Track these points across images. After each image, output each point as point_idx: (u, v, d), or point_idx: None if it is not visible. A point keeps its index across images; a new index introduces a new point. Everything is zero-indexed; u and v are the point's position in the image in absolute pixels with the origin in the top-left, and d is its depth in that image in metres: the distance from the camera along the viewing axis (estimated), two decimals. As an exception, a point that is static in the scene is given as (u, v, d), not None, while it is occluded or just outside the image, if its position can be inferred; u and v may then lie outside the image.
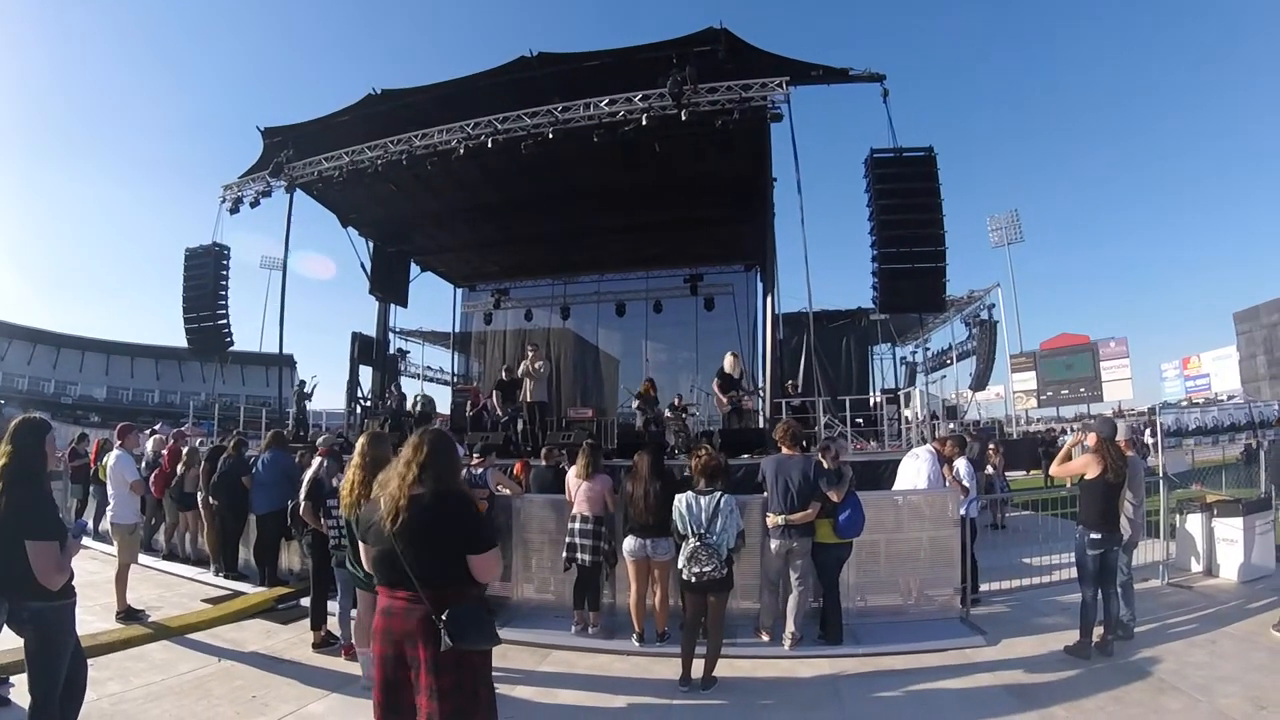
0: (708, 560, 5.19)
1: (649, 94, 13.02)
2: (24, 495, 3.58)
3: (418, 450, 3.07)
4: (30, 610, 3.54)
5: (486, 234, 19.48)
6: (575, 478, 6.80)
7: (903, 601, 7.17)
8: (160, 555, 10.37)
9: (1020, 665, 5.68)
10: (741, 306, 20.63)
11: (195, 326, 17.88)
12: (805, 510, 6.11)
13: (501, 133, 13.89)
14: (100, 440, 12.31)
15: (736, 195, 15.50)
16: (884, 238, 12.64)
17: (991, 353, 28.25)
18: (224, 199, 17.53)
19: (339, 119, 15.54)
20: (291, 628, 7.10)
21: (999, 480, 13.41)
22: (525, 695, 5.31)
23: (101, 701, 4.88)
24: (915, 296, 13.28)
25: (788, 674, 5.75)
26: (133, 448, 8.31)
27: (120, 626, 6.86)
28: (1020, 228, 48.37)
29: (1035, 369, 47.14)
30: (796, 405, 13.15)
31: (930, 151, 12.81)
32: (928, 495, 7.31)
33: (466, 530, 3.02)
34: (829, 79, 13.64)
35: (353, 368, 19.63)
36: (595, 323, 22.89)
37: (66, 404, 53.76)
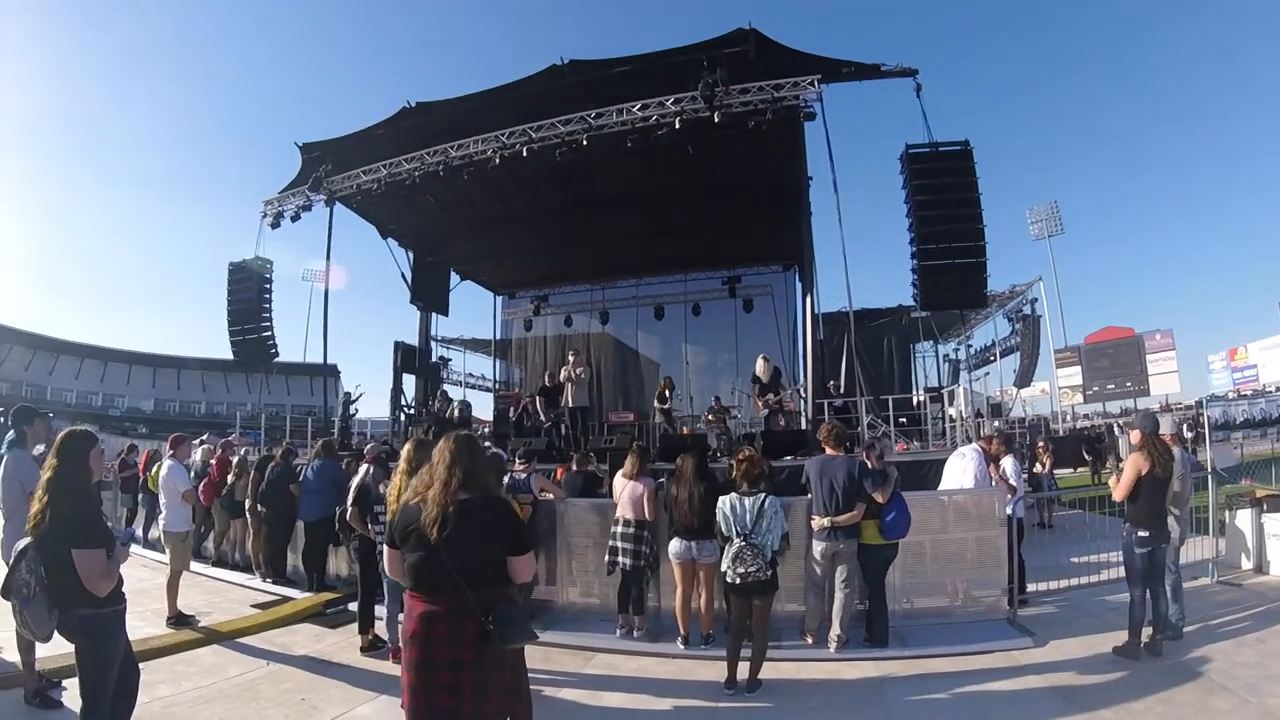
0: (752, 561, 5.17)
1: (681, 97, 13.06)
2: (70, 507, 3.66)
3: (456, 455, 3.12)
4: (79, 617, 3.61)
5: (524, 242, 19.65)
6: (621, 480, 6.83)
7: (949, 603, 7.07)
8: (209, 562, 10.59)
9: (1068, 667, 5.57)
10: (780, 307, 20.49)
11: (240, 339, 18.35)
12: (850, 511, 6.06)
13: (536, 141, 14.00)
14: (150, 450, 12.57)
15: (772, 195, 15.45)
16: (923, 234, 12.55)
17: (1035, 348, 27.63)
18: (265, 214, 17.91)
19: (375, 132, 15.80)
20: (339, 631, 7.19)
21: (1047, 478, 13.21)
22: (571, 697, 5.33)
23: (153, 704, 4.96)
24: (956, 293, 13.18)
25: (833, 676, 5.71)
26: (184, 458, 8.49)
27: (171, 631, 7.00)
28: (1060, 219, 47.05)
29: (1080, 364, 46.27)
30: (839, 406, 13.06)
31: (966, 145, 12.72)
32: (974, 495, 7.20)
33: (509, 532, 3.09)
34: (860, 75, 13.59)
35: (396, 376, 19.85)
36: (634, 327, 22.95)
37: (114, 416, 55.03)
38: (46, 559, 3.59)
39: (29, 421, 5.82)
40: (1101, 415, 42.58)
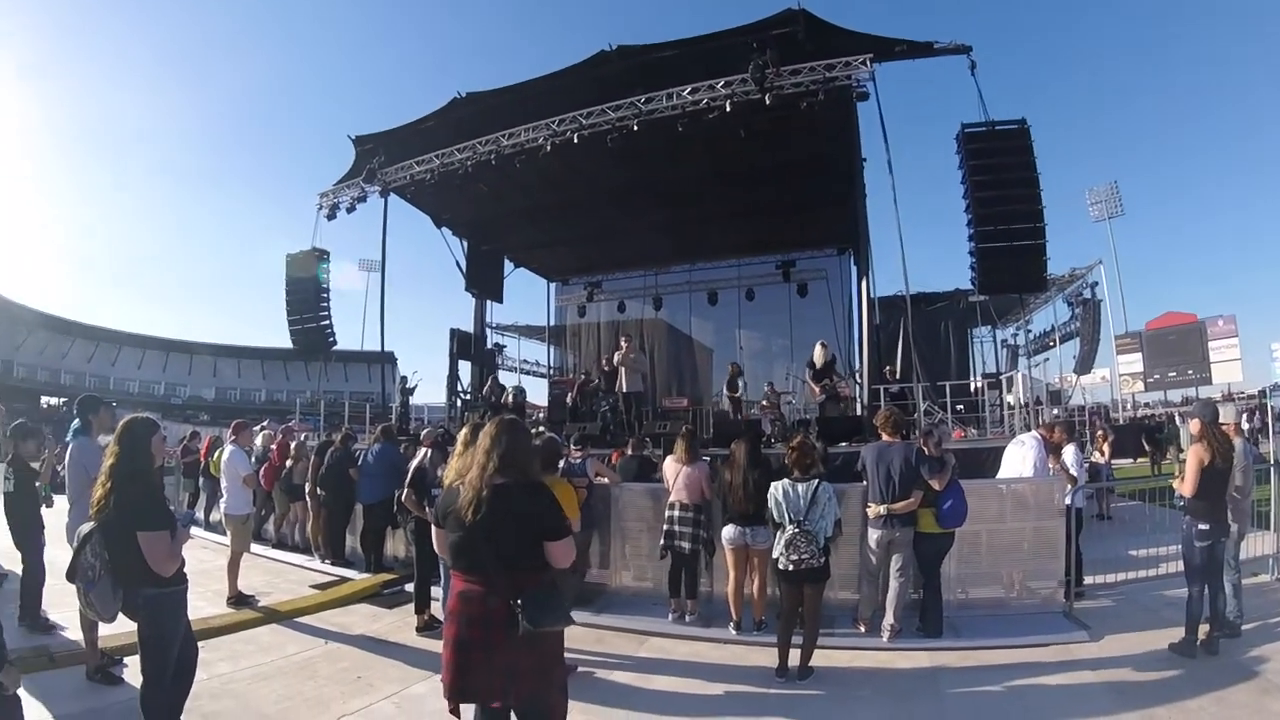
0: (805, 547, 5.15)
1: (731, 80, 12.92)
2: (133, 491, 3.74)
3: (495, 439, 3.15)
4: (144, 597, 3.71)
5: (577, 228, 19.66)
6: (673, 465, 6.84)
7: (1004, 594, 6.95)
8: (270, 544, 10.89)
9: (1123, 663, 5.46)
10: (835, 291, 20.18)
11: (299, 328, 18.76)
12: (907, 499, 5.98)
13: (586, 128, 14.00)
14: (211, 437, 12.90)
15: (825, 178, 15.27)
16: (980, 215, 12.29)
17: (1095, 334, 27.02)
18: (321, 206, 18.28)
19: (426, 123, 16.00)
20: (396, 612, 7.36)
21: (1105, 468, 12.89)
22: (624, 680, 5.38)
23: (211, 681, 5.11)
24: (1015, 276, 12.86)
25: (885, 666, 5.68)
26: (245, 444, 8.71)
27: (231, 611, 7.22)
28: (1121, 201, 45.90)
29: (1141, 350, 44.91)
30: (894, 392, 12.89)
31: (1023, 124, 12.43)
32: (1033, 484, 7.07)
33: (544, 517, 3.09)
34: (913, 54, 13.31)
35: (452, 363, 20.14)
36: (688, 312, 22.84)
37: (176, 405, 56.58)
38: (111, 542, 3.69)
39: (94, 410, 5.99)
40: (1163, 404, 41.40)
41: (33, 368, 53.74)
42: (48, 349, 54.97)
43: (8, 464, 6.60)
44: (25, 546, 6.40)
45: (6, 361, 50.16)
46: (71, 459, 5.71)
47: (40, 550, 6.44)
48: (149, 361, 61.13)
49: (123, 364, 59.59)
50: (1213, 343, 42.01)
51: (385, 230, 18.30)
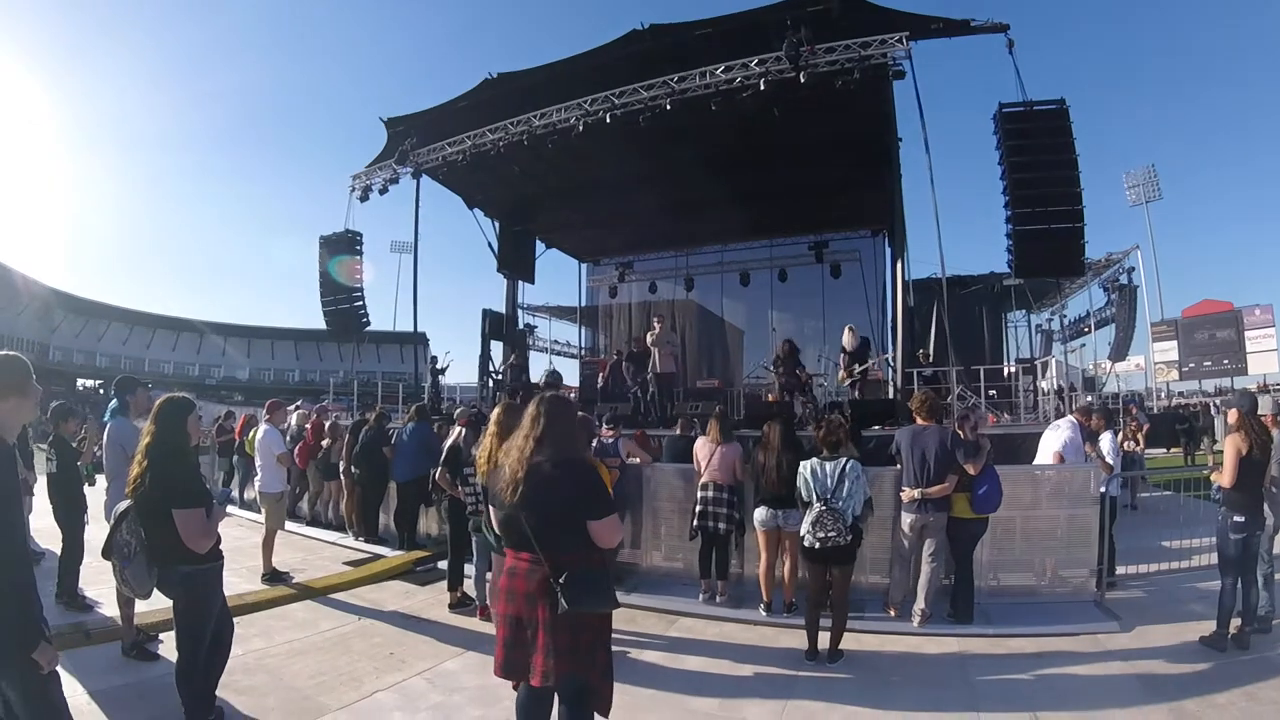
0: (832, 525, 5.12)
1: (765, 58, 12.77)
2: (169, 469, 3.80)
3: (536, 420, 3.15)
4: (179, 574, 3.78)
5: (609, 209, 19.60)
6: (705, 446, 6.82)
7: (1036, 582, 6.89)
8: (304, 521, 11.02)
9: (1153, 654, 5.41)
10: (869, 273, 19.99)
11: (333, 309, 18.96)
12: (942, 484, 5.92)
13: (619, 107, 13.93)
14: (246, 416, 13.05)
15: (860, 158, 15.03)
16: (1017, 197, 12.11)
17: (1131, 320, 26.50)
18: (353, 188, 18.41)
19: (458, 105, 15.99)
20: (429, 589, 7.44)
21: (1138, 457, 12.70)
22: (654, 660, 5.42)
23: (246, 657, 5.19)
24: (1052, 260, 12.71)
25: (915, 651, 5.66)
26: (279, 423, 8.79)
27: (266, 587, 7.32)
28: (1159, 184, 44.36)
29: (1177, 338, 43.93)
30: (928, 375, 12.75)
31: (1062, 104, 12.20)
32: (1068, 471, 6.99)
33: (585, 497, 3.07)
34: (949, 32, 13.09)
35: (484, 343, 20.25)
36: (720, 293, 22.75)
37: (211, 385, 57.47)
38: (147, 519, 3.76)
39: (131, 391, 6.08)
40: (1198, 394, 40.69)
41: (69, 351, 54.83)
42: (83, 332, 56.05)
43: (50, 444, 6.72)
44: (66, 525, 6.50)
45: (43, 345, 51.03)
46: (109, 438, 5.79)
47: (81, 529, 6.54)
48: (183, 343, 62.18)
49: (157, 346, 60.64)
50: (1249, 332, 41.19)
51: (417, 211, 18.42)
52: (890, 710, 4.53)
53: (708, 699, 4.70)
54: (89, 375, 55.01)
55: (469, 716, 4.43)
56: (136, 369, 53.80)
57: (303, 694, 4.73)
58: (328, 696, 4.68)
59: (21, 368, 2.76)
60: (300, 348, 65.19)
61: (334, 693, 4.75)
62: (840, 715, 4.48)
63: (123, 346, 58.82)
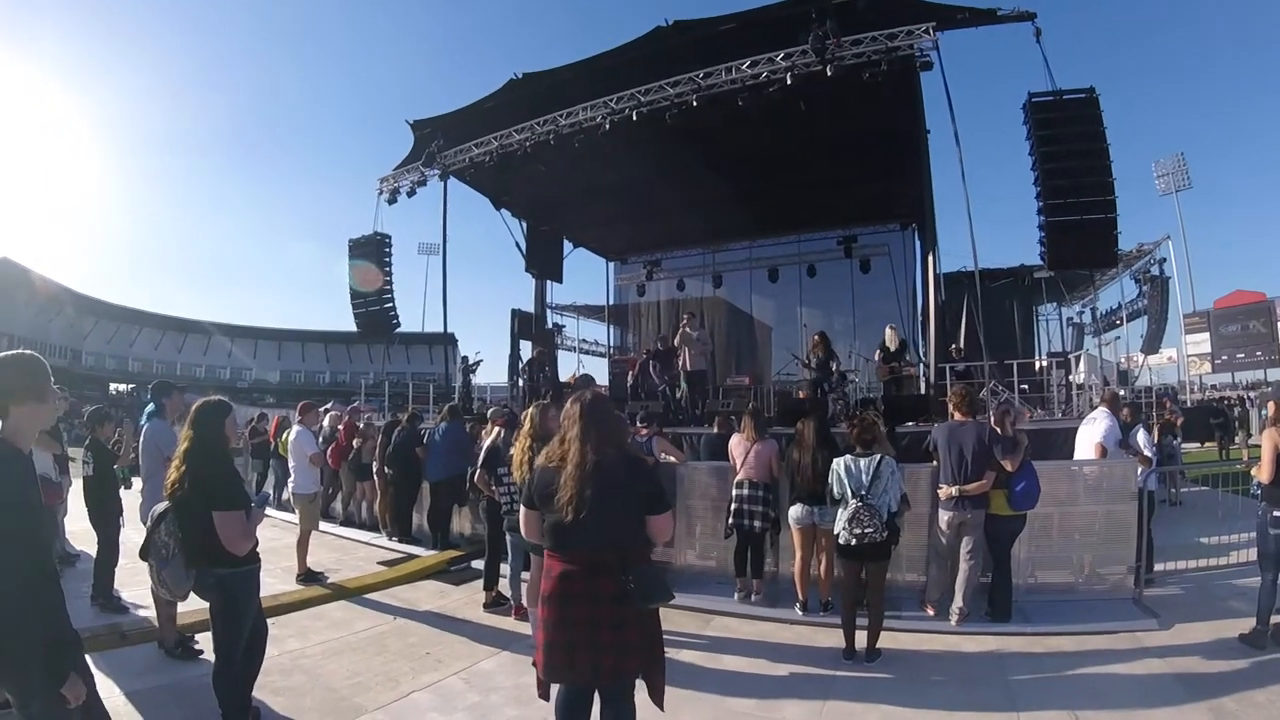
0: (868, 521, 5.10)
1: (791, 52, 12.65)
2: (208, 472, 3.80)
3: (583, 419, 3.11)
4: (216, 576, 3.79)
5: (636, 207, 19.52)
6: (740, 444, 6.80)
7: (1073, 579, 6.82)
8: (337, 522, 11.14)
9: (1192, 652, 5.35)
10: (899, 267, 19.64)
11: (363, 311, 19.13)
12: (979, 480, 5.87)
13: (645, 105, 13.89)
14: (279, 418, 13.16)
15: (888, 151, 14.80)
16: (1049, 188, 11.93)
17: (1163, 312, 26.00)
18: (381, 190, 18.54)
19: (484, 106, 16.03)
20: (463, 588, 7.48)
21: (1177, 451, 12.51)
22: (691, 659, 5.40)
23: (282, 657, 5.22)
24: (1085, 251, 12.53)
25: (953, 650, 5.63)
26: (312, 424, 8.86)
27: (300, 588, 7.38)
28: (1188, 173, 43.73)
29: (1209, 329, 43.07)
30: (960, 370, 12.61)
31: (1092, 92, 11.99)
32: (1106, 466, 6.93)
33: (649, 492, 3.09)
34: (976, 21, 12.85)
35: (513, 343, 20.34)
36: (748, 290, 22.53)
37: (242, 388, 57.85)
38: (185, 521, 3.80)
39: (167, 394, 6.18)
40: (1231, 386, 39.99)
41: (100, 356, 55.61)
42: (115, 338, 56.79)
43: (86, 448, 6.78)
44: (102, 527, 6.55)
45: (75, 351, 51.74)
46: (146, 441, 5.87)
47: (116, 531, 6.60)
48: (214, 348, 62.73)
49: (188, 350, 61.31)
50: (1283, 323, 40.38)
51: (445, 213, 18.35)
52: (929, 710, 4.52)
53: (746, 699, 4.70)
54: (121, 380, 55.79)
55: (506, 716, 4.45)
56: (168, 373, 54.29)
57: (339, 694, 4.77)
58: (364, 697, 4.72)
59: (39, 370, 2.60)
60: (330, 350, 65.67)
61: (370, 693, 4.78)
62: (879, 715, 4.46)
63: (154, 351, 59.61)
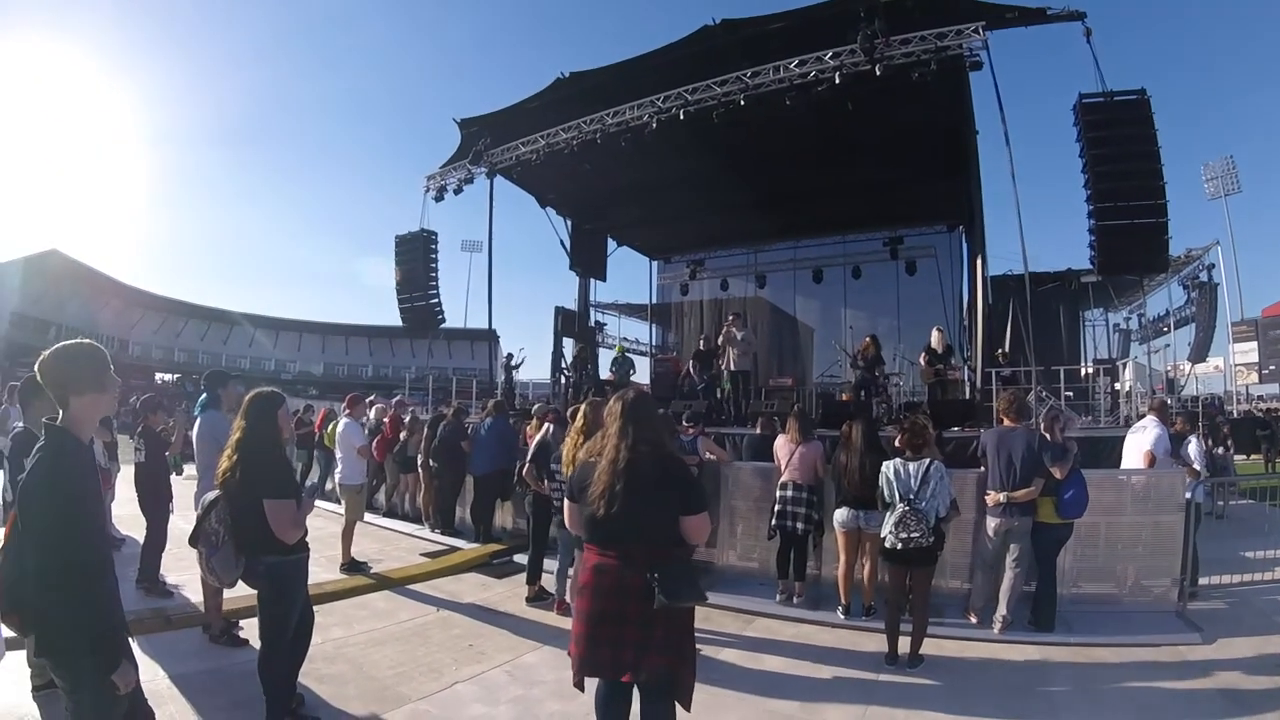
0: (916, 526, 5.09)
1: (839, 51, 12.59)
2: (259, 461, 3.87)
3: (624, 417, 3.16)
4: (266, 564, 3.84)
5: (681, 206, 19.49)
6: (785, 445, 6.80)
7: (1117, 590, 6.73)
8: (380, 513, 11.31)
9: (1236, 667, 5.26)
10: (945, 270, 19.39)
11: (409, 306, 19.51)
12: (1028, 487, 5.83)
13: (692, 104, 13.88)
14: (326, 409, 13.37)
15: (936, 151, 14.74)
16: (1099, 191, 11.71)
17: (1212, 320, 25.41)
18: (428, 188, 18.74)
19: (531, 105, 16.14)
20: (505, 582, 7.56)
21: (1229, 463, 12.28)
22: (732, 659, 5.42)
23: (326, 645, 5.29)
24: (1136, 256, 12.28)
25: (996, 658, 5.59)
26: (359, 416, 9.00)
27: (344, 577, 7.51)
28: (1238, 177, 42.40)
29: (1257, 338, 41.65)
30: (1006, 375, 12.41)
31: (1143, 94, 11.72)
32: (1155, 476, 6.82)
33: (681, 491, 3.10)
34: (1025, 20, 12.61)
35: (556, 340, 20.47)
36: (792, 290, 22.44)
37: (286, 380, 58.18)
38: (236, 509, 3.85)
39: (223, 385, 6.24)
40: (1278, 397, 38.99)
41: (147, 346, 56.41)
42: (161, 328, 57.64)
43: (138, 435, 6.95)
44: (152, 513, 6.69)
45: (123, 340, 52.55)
46: (202, 432, 5.90)
47: (166, 517, 6.74)
48: (260, 339, 63.47)
49: (235, 342, 61.96)
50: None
51: (491, 210, 18.44)
52: (971, 718, 4.50)
53: (788, 701, 4.70)
54: (167, 370, 56.65)
55: (549, 710, 4.50)
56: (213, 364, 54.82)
57: (383, 683, 4.83)
58: (407, 686, 4.78)
59: (99, 359, 2.63)
60: (373, 344, 66.28)
61: (414, 683, 4.84)
62: (920, 722, 4.44)
63: (200, 342, 60.37)
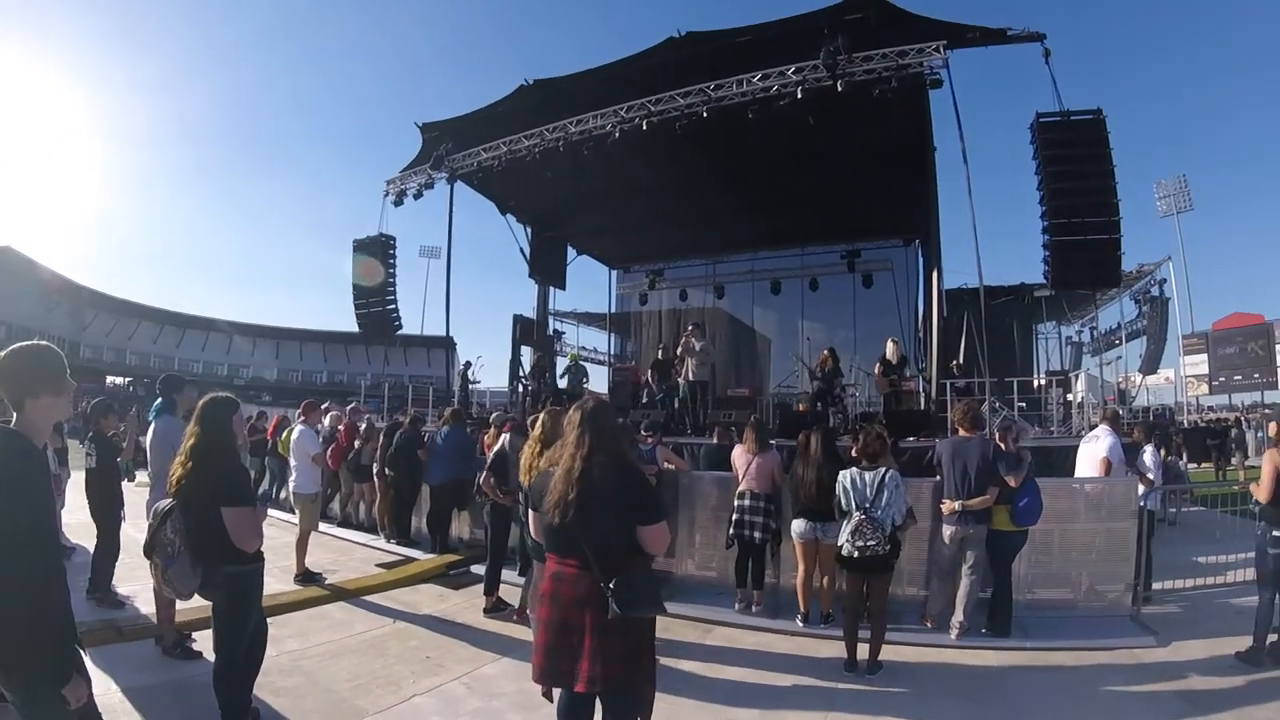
0: (871, 534, 5.13)
1: (802, 66, 12.67)
2: (215, 468, 3.80)
3: (585, 424, 3.15)
4: (224, 574, 3.75)
5: (641, 216, 19.51)
6: (743, 455, 6.82)
7: (1072, 596, 6.87)
8: (335, 522, 11.11)
9: (1190, 669, 5.43)
10: (901, 282, 19.66)
11: (365, 312, 19.10)
12: (983, 495, 5.92)
13: (655, 114, 13.88)
14: (279, 416, 13.14)
15: (895, 166, 14.86)
16: (1054, 208, 11.93)
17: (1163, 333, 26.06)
18: (387, 192, 18.43)
19: (494, 111, 15.96)
20: (462, 593, 7.49)
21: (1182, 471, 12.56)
22: (691, 669, 5.41)
23: (282, 658, 5.20)
24: (1089, 271, 12.50)
25: (954, 663, 5.68)
26: (314, 424, 8.86)
27: (299, 588, 7.39)
28: (1190, 195, 43.50)
29: (1207, 351, 42.96)
30: (960, 387, 12.60)
31: (1099, 114, 11.94)
32: (1108, 484, 6.99)
33: (637, 501, 3.08)
34: (986, 41, 12.84)
35: (514, 348, 20.21)
36: (750, 302, 22.55)
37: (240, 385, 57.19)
38: (191, 518, 3.74)
39: (178, 389, 6.12)
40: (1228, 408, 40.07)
41: (99, 348, 55.07)
42: (114, 330, 56.41)
43: (89, 440, 6.78)
44: (103, 521, 6.53)
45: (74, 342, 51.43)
46: (156, 437, 5.76)
47: (117, 525, 6.59)
48: (213, 343, 62.45)
49: (187, 345, 60.92)
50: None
51: (451, 216, 18.36)
52: (931, 723, 4.52)
53: (748, 709, 4.70)
54: (119, 373, 55.45)
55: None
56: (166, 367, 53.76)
57: (340, 696, 4.76)
58: (365, 700, 4.71)
59: (56, 362, 2.55)
60: (328, 349, 65.44)
61: (371, 695, 4.77)
62: (881, 727, 4.47)
63: (152, 345, 59.23)
